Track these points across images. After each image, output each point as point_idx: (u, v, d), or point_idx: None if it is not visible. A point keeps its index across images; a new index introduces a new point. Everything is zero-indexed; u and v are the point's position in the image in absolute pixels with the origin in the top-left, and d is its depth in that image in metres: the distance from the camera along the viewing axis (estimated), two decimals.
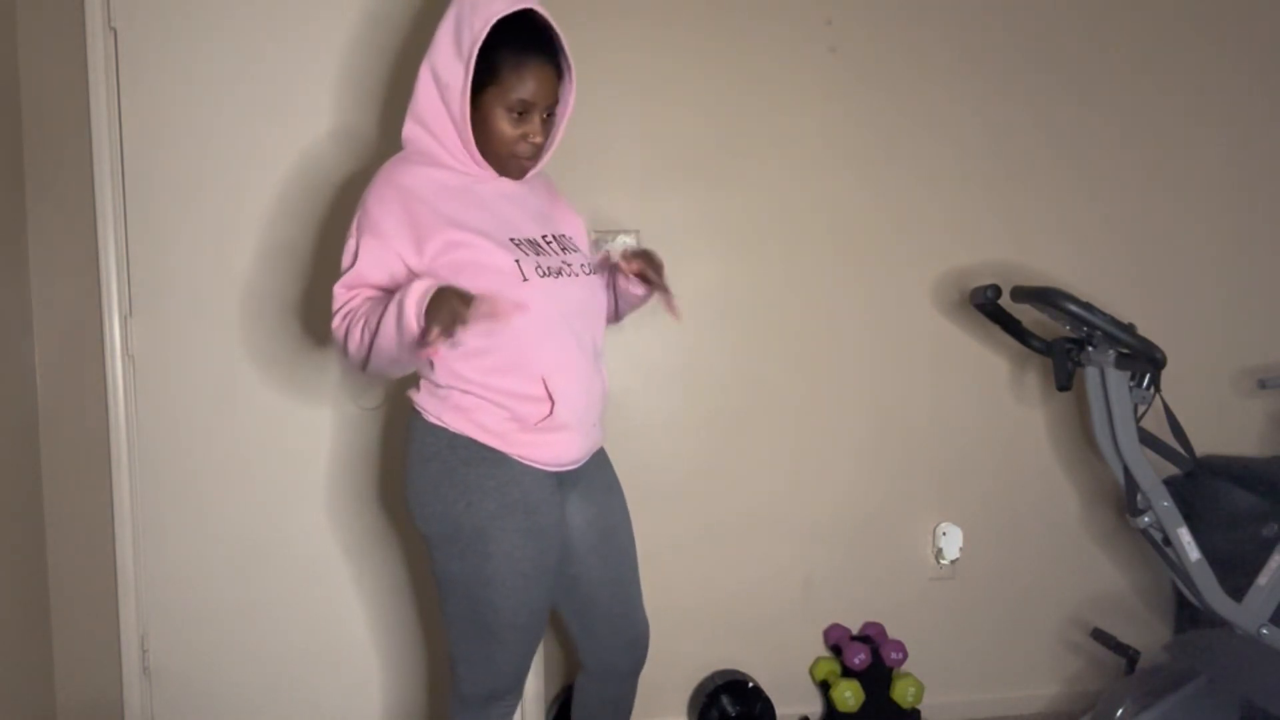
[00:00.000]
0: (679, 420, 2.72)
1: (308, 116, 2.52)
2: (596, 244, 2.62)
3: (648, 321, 2.66)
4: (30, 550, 2.45)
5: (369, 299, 1.65)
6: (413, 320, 1.50)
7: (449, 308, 1.48)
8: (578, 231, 1.88)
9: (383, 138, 2.52)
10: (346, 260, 1.68)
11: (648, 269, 1.76)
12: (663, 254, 2.64)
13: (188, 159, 2.50)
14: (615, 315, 1.98)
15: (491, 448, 1.68)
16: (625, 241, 2.63)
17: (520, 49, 1.64)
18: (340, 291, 1.67)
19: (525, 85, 1.66)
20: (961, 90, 2.76)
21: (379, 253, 1.65)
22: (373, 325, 1.58)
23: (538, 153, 1.74)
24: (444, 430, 1.70)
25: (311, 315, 2.55)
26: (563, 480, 1.77)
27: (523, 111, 1.68)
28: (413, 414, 1.76)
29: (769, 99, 2.69)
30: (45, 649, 2.51)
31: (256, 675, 2.61)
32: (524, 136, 1.69)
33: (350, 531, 2.60)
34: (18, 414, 2.41)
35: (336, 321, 1.67)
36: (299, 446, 2.57)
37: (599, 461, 1.88)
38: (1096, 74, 2.82)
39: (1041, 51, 2.79)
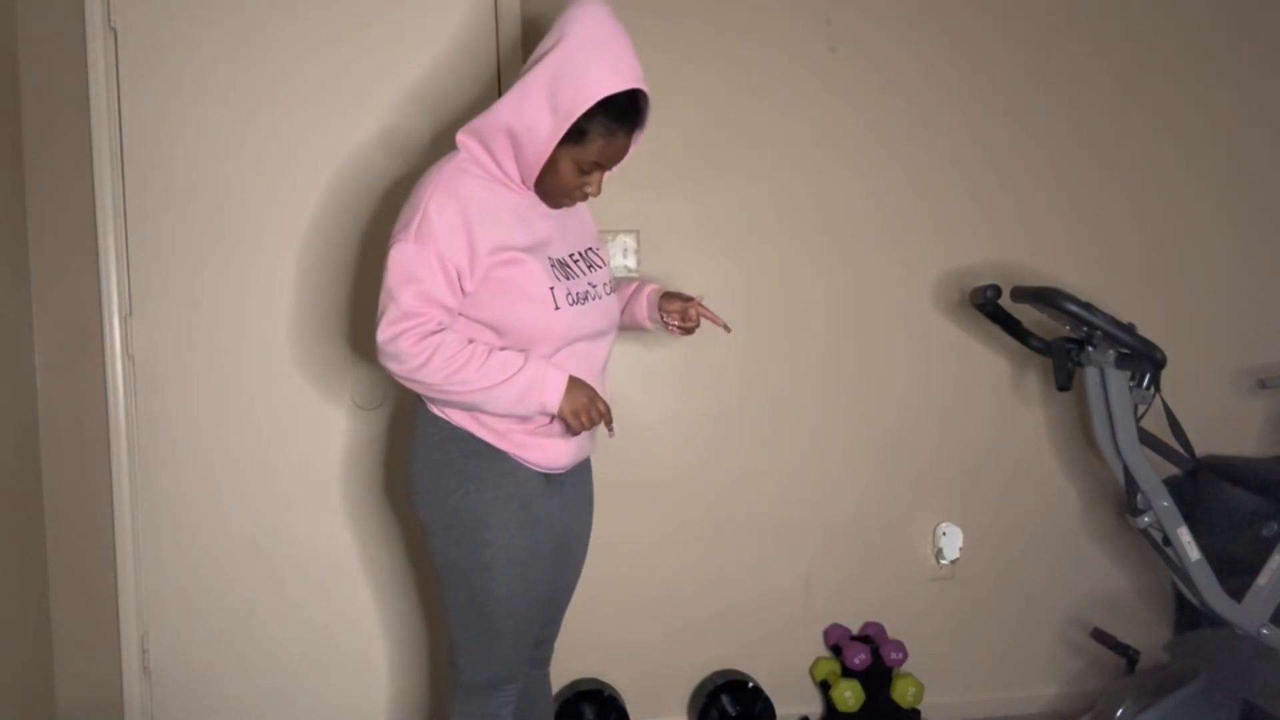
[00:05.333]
0: (679, 420, 2.72)
1: (310, 116, 2.52)
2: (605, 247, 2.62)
3: None
4: (30, 550, 2.45)
5: (467, 343, 1.67)
6: (553, 405, 1.70)
7: (595, 407, 1.73)
8: (597, 239, 1.94)
9: (379, 140, 2.53)
10: (408, 266, 1.64)
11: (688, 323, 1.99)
12: (663, 254, 2.67)
13: (188, 159, 2.50)
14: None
15: (488, 443, 1.75)
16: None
17: (614, 121, 1.68)
18: (414, 305, 1.64)
19: (606, 153, 1.71)
20: (962, 90, 2.76)
21: (444, 266, 1.65)
22: (489, 380, 1.66)
23: (587, 199, 1.80)
24: (446, 423, 1.77)
25: (312, 315, 2.55)
26: (549, 480, 1.83)
27: (591, 170, 1.73)
28: (419, 405, 1.82)
29: (769, 98, 2.69)
30: (45, 649, 2.51)
31: (256, 674, 2.61)
32: (582, 187, 1.75)
33: (351, 530, 2.61)
34: (18, 414, 2.41)
35: (412, 341, 1.64)
36: (299, 446, 2.57)
37: (583, 471, 1.95)
38: (1096, 74, 2.82)
39: (1042, 51, 2.79)
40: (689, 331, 1.98)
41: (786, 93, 2.70)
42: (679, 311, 1.95)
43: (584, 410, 1.72)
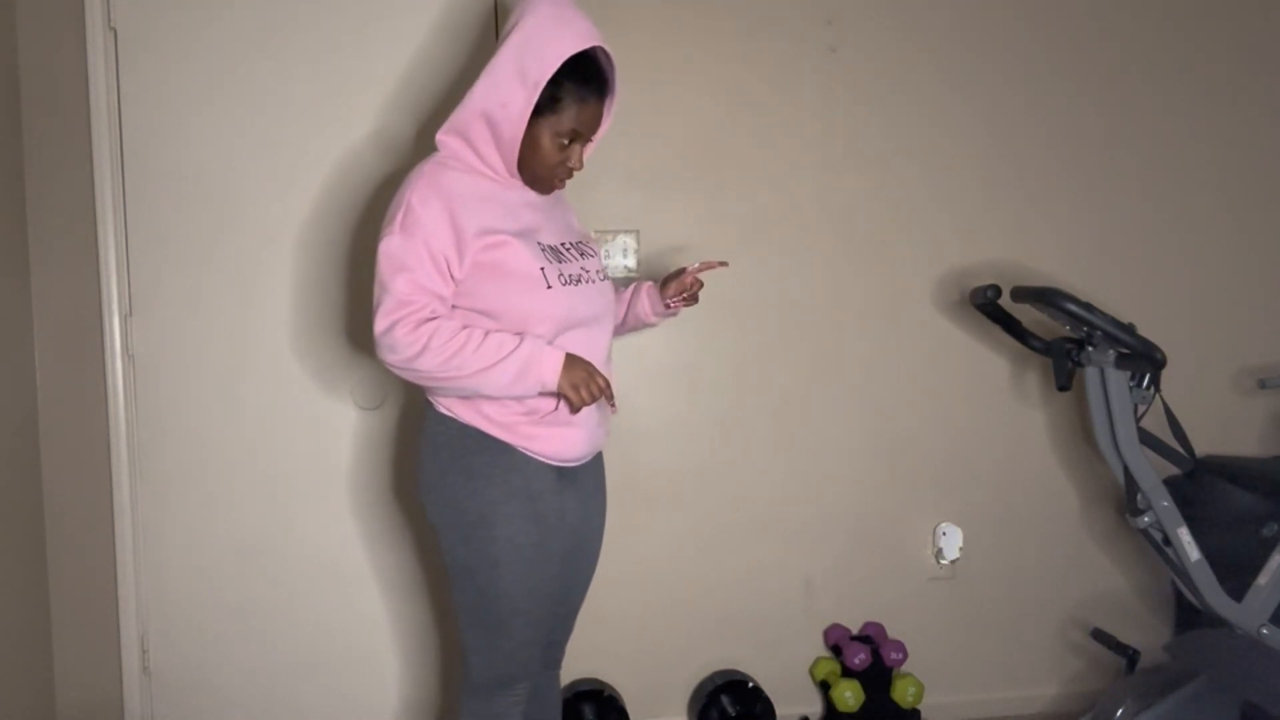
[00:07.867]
0: (681, 420, 2.72)
1: (308, 116, 2.52)
2: (596, 243, 2.62)
3: None
4: (30, 550, 2.46)
5: (462, 328, 1.68)
6: (551, 382, 1.68)
7: (594, 381, 1.70)
8: (586, 237, 1.96)
9: (372, 140, 2.53)
10: (397, 257, 1.67)
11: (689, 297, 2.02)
12: (663, 254, 2.67)
13: (188, 159, 2.50)
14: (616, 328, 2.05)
15: (496, 438, 1.75)
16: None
17: (583, 84, 1.73)
18: (407, 293, 1.66)
19: (581, 119, 1.75)
20: (962, 90, 2.76)
21: (432, 255, 1.67)
22: (485, 362, 1.66)
23: (571, 175, 1.83)
24: (454, 420, 1.77)
25: (313, 314, 2.55)
26: (562, 474, 1.82)
27: (571, 140, 1.76)
28: (426, 404, 1.83)
29: (769, 98, 2.69)
30: (45, 649, 2.51)
31: (256, 675, 2.61)
32: (565, 161, 1.78)
33: (356, 529, 2.60)
34: (18, 414, 2.41)
35: (407, 329, 1.65)
36: (299, 446, 2.57)
37: (596, 466, 1.95)
38: (1097, 73, 2.82)
39: (1042, 50, 2.79)
40: (694, 300, 2.03)
41: (787, 93, 2.70)
42: (678, 288, 2.00)
43: (583, 384, 1.70)
